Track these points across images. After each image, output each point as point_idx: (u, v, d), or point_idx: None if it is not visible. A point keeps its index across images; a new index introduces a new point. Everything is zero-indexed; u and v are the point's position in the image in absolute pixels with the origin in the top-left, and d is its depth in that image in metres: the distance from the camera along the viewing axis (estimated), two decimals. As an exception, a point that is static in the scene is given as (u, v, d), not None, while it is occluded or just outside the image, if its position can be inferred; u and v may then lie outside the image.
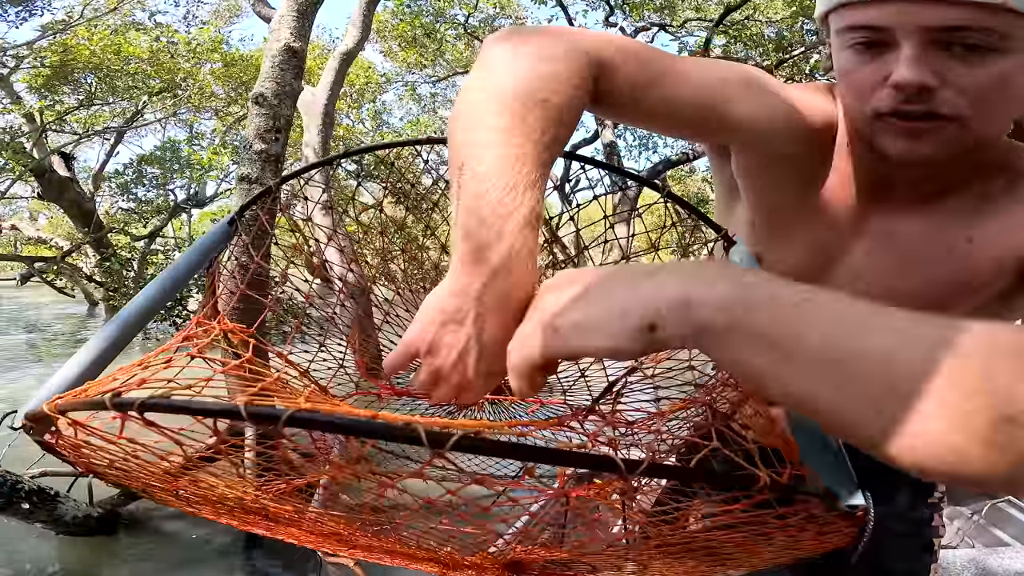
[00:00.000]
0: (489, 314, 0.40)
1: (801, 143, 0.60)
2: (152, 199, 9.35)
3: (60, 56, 7.84)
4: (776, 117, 0.58)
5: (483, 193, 0.39)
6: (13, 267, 16.16)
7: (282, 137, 2.66)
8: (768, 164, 0.62)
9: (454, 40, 10.61)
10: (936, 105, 0.49)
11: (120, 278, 8.07)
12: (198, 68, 9.46)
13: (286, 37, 2.74)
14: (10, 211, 15.37)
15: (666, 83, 0.54)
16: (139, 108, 9.67)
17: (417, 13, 9.67)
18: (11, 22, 7.70)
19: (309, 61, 6.01)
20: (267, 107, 2.61)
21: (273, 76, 2.67)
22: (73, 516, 2.21)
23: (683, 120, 0.57)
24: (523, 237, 0.39)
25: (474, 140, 0.42)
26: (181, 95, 9.58)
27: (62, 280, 11.12)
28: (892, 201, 0.60)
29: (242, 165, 2.60)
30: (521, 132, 0.42)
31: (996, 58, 0.47)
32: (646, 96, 0.54)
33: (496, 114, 0.42)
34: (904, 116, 0.50)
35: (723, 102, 0.56)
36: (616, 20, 10.05)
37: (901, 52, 0.48)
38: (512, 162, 0.40)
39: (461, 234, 0.40)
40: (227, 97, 10.21)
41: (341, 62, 6.05)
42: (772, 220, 0.65)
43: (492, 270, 0.39)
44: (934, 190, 0.59)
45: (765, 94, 0.58)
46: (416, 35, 9.98)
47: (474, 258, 0.39)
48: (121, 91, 8.94)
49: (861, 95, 0.53)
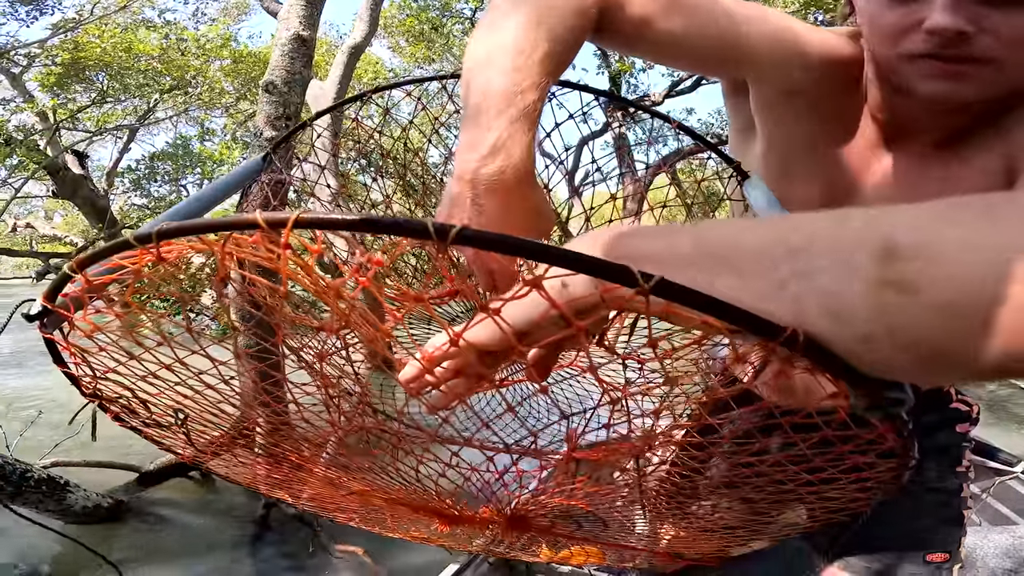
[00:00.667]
0: (485, 195, 0.42)
1: (821, 79, 0.59)
2: (164, 195, 9.44)
3: (72, 54, 7.92)
4: (794, 49, 0.57)
5: (483, 93, 0.43)
6: (28, 265, 16.40)
7: (291, 124, 2.64)
8: (787, 98, 0.61)
9: (461, 35, 10.58)
10: (973, 51, 0.47)
11: (132, 274, 8.17)
12: (208, 65, 9.52)
13: (295, 26, 2.73)
14: (25, 210, 15.61)
15: (679, 14, 0.53)
16: (151, 105, 9.75)
17: (424, 8, 9.66)
18: (22, 20, 7.78)
19: (316, 56, 6.00)
20: (277, 94, 2.60)
21: (283, 64, 2.66)
22: (83, 505, 2.21)
23: (697, 52, 0.56)
24: (517, 126, 0.42)
25: (481, 57, 0.46)
26: (192, 92, 9.65)
27: (76, 277, 11.27)
28: (909, 144, 0.60)
29: (253, 152, 2.59)
30: (523, 52, 0.45)
31: None
32: (655, 28, 0.53)
33: (502, 39, 0.45)
34: (942, 59, 0.49)
35: (739, 33, 0.55)
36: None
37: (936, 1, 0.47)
38: (512, 70, 0.44)
39: (463, 127, 0.44)
40: (237, 93, 10.27)
41: (349, 56, 6.05)
42: (787, 155, 0.64)
43: (483, 153, 0.42)
44: (949, 136, 0.58)
45: (783, 27, 0.57)
46: (423, 30, 9.97)
47: (470, 145, 0.42)
48: (133, 89, 9.03)
49: (891, 39, 0.51)
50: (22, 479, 1.98)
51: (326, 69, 6.96)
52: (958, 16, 0.46)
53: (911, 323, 0.18)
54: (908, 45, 0.50)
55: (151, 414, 0.44)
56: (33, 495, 2.02)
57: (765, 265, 0.21)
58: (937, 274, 0.18)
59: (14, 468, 1.98)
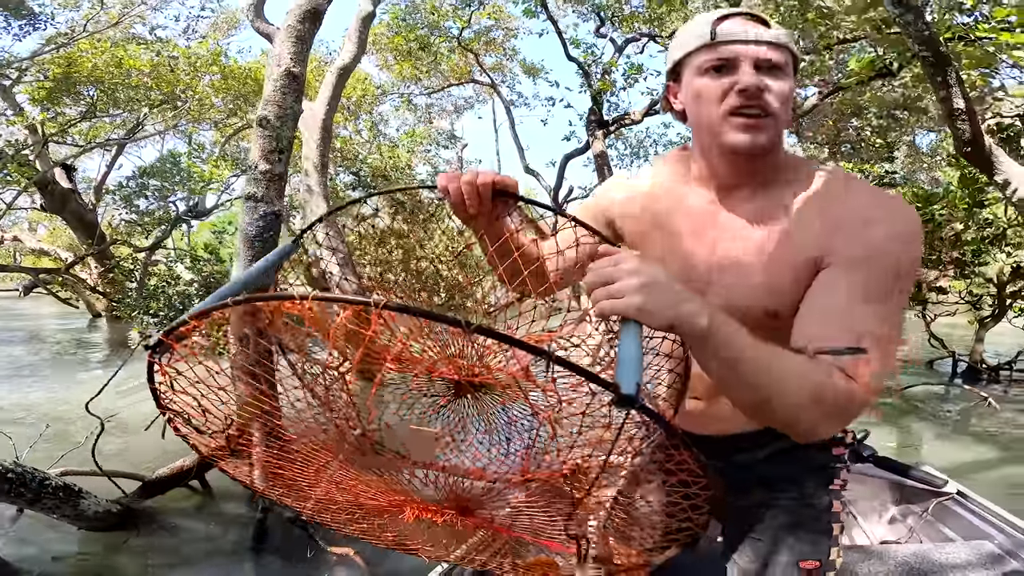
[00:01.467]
0: None
1: (650, 196, 0.91)
2: (153, 211, 9.48)
3: (63, 69, 8.01)
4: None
5: None
6: (13, 278, 16.29)
7: (284, 157, 2.83)
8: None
9: (448, 53, 10.80)
10: (765, 103, 0.75)
11: (123, 289, 8.21)
12: (198, 80, 9.63)
13: (287, 62, 2.92)
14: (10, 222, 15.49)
15: None
16: (140, 120, 9.83)
17: (412, 27, 9.87)
18: (16, 35, 7.88)
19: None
20: (270, 129, 2.79)
21: (275, 100, 2.85)
22: (95, 511, 2.37)
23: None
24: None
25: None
26: (181, 107, 9.76)
27: (65, 291, 11.25)
28: (734, 195, 0.82)
29: (248, 184, 2.78)
30: None
31: (785, 77, 0.77)
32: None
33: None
34: (745, 115, 0.75)
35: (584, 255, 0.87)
36: (606, 31, 10.29)
37: (742, 71, 0.76)
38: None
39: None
40: (225, 109, 10.38)
41: (338, 77, 6.22)
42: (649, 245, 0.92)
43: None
44: (761, 183, 0.81)
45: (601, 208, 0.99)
46: (411, 48, 10.18)
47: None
48: (123, 103, 9.11)
49: (716, 101, 0.77)
50: (41, 486, 2.16)
51: (316, 87, 7.12)
52: (756, 78, 0.75)
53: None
54: (728, 102, 0.76)
55: (206, 422, 0.65)
56: (51, 501, 2.19)
57: None
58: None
59: (33, 476, 2.15)
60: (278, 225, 2.89)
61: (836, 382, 0.63)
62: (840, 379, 0.63)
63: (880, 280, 0.68)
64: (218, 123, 11.13)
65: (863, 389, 0.63)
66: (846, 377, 0.63)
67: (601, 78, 9.46)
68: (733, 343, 0.60)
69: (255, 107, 10.54)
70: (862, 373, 0.63)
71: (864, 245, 0.70)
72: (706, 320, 0.59)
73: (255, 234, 2.74)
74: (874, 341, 0.65)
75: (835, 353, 0.64)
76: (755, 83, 0.74)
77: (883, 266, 0.69)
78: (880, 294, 0.68)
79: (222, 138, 11.55)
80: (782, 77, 0.76)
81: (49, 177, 9.17)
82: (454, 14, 9.94)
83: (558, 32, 9.57)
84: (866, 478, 1.98)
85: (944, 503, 1.81)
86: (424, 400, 0.76)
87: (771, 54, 0.76)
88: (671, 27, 9.81)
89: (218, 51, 9.68)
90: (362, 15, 6.18)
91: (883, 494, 1.98)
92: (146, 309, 7.31)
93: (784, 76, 0.77)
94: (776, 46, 0.76)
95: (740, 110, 0.75)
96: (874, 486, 1.99)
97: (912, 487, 1.88)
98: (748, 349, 0.61)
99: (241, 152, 12.19)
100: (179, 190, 8.64)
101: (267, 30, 5.80)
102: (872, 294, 0.68)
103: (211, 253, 8.65)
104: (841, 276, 0.70)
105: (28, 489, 2.15)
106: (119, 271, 8.49)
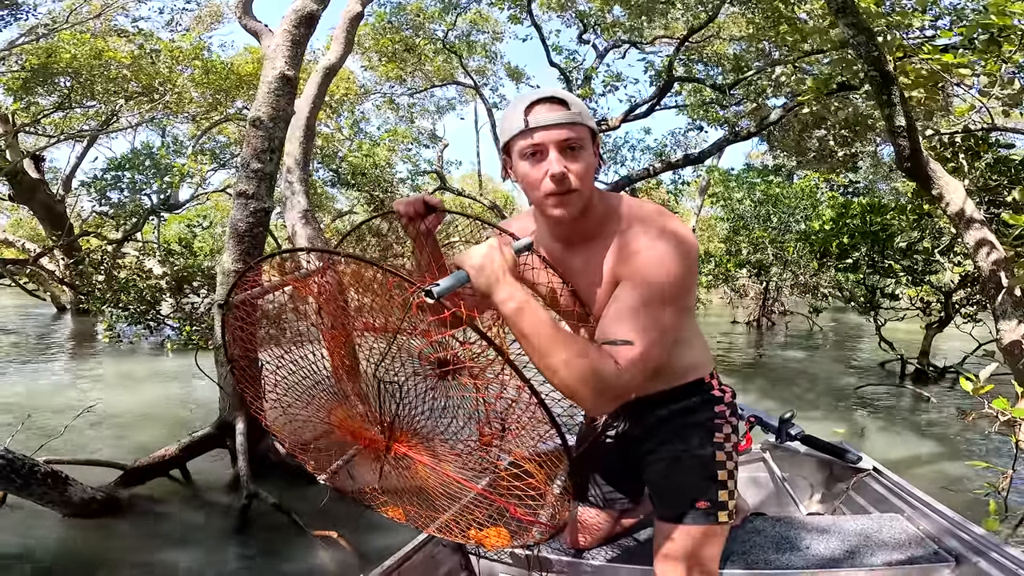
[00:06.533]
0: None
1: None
2: (126, 203, 9.30)
3: (42, 59, 7.85)
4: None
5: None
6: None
7: (275, 157, 2.93)
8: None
9: (433, 55, 10.89)
10: (570, 183, 0.95)
11: (91, 281, 8.03)
12: (178, 73, 9.51)
13: (281, 66, 3.02)
14: (-28, 211, 14.96)
15: None
16: (114, 111, 9.65)
17: (398, 28, 9.93)
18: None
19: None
20: (263, 130, 2.89)
21: (269, 102, 2.94)
22: (80, 497, 2.42)
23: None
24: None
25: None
26: (158, 99, 9.62)
27: (32, 283, 10.95)
28: (573, 243, 1.07)
29: (240, 182, 2.86)
30: None
31: (584, 152, 0.96)
32: None
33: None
34: (557, 194, 0.96)
35: None
36: (589, 38, 10.53)
37: (549, 158, 0.94)
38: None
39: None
40: (204, 103, 10.26)
41: (324, 76, 6.24)
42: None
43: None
44: (586, 235, 1.04)
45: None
46: (396, 50, 10.23)
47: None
48: (100, 95, 8.95)
49: (536, 185, 0.97)
50: (30, 473, 2.21)
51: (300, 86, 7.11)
52: (561, 163, 0.94)
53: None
54: (545, 186, 0.95)
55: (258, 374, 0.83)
56: (39, 487, 2.24)
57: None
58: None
59: (23, 463, 2.21)
60: (267, 220, 2.99)
61: (607, 364, 0.84)
62: (610, 363, 0.85)
63: (647, 295, 0.92)
64: (195, 117, 10.98)
65: (627, 370, 0.85)
66: (615, 363, 0.85)
67: (581, 85, 9.68)
68: (530, 324, 0.83)
69: (235, 101, 10.46)
70: (628, 359, 0.86)
71: (636, 270, 0.95)
72: (513, 304, 0.84)
73: (245, 229, 2.83)
74: (639, 337, 0.87)
75: (611, 344, 0.87)
76: (560, 171, 0.94)
77: (649, 285, 0.92)
78: (648, 305, 0.91)
79: (198, 131, 11.40)
80: (581, 155, 0.95)
81: (19, 167, 8.95)
82: (439, 17, 10.04)
83: (541, 38, 9.76)
84: (802, 458, 2.22)
85: (863, 479, 2.02)
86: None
87: (570, 134, 0.94)
88: (651, 35, 10.09)
89: (200, 45, 9.58)
90: (350, 15, 6.22)
91: (814, 472, 2.22)
92: (115, 302, 7.18)
93: (583, 152, 0.95)
94: (574, 126, 0.94)
95: (552, 193, 0.96)
96: (809, 465, 2.22)
97: (839, 465, 2.11)
98: (544, 330, 0.83)
99: (218, 146, 12.05)
100: (154, 183, 8.52)
101: (255, 27, 5.77)
102: (641, 305, 0.91)
103: (185, 247, 8.52)
104: (624, 292, 0.95)
105: (19, 475, 2.21)
106: (89, 263, 8.30)
